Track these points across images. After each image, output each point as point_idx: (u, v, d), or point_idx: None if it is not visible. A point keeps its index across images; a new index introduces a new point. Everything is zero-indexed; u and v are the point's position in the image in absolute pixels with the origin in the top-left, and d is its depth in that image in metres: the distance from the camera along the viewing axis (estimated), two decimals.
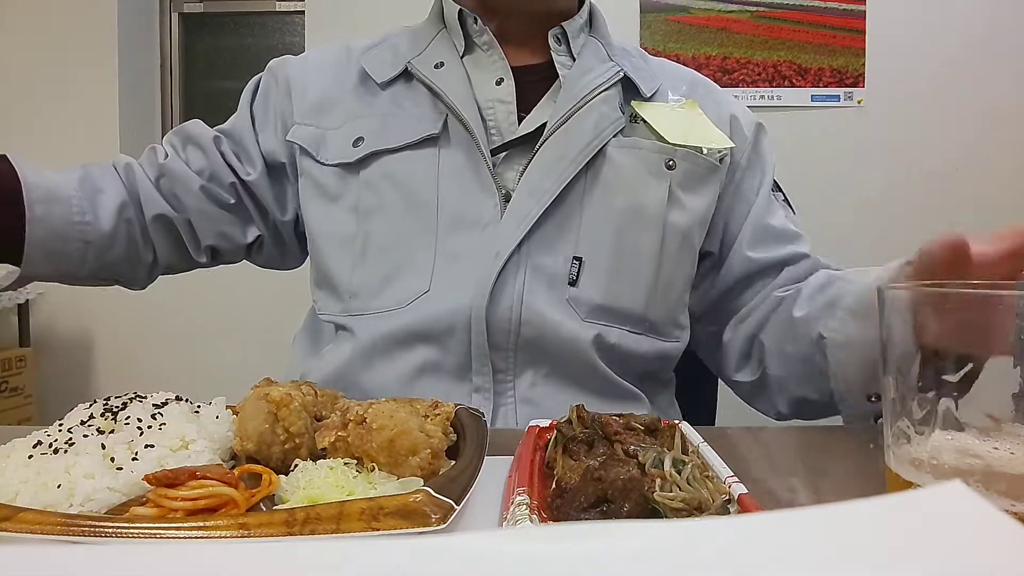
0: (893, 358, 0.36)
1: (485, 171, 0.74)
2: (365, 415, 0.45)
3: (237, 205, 0.84)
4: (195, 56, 2.43)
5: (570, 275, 0.74)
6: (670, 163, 0.77)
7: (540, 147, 0.75)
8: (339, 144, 0.78)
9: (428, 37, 0.82)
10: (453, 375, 0.73)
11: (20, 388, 2.06)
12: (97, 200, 0.78)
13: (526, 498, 0.39)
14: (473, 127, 0.74)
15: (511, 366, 0.73)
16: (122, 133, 2.21)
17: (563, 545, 0.19)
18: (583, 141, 0.75)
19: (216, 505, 0.40)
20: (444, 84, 0.77)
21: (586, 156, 0.74)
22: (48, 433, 0.47)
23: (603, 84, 0.77)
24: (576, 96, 0.76)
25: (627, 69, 0.80)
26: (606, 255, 0.75)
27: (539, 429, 0.52)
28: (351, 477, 0.43)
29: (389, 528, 0.36)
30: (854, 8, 2.20)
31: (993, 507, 0.19)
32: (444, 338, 0.72)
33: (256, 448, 0.47)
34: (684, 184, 0.77)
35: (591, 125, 0.75)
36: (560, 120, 0.75)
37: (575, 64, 0.80)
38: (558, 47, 0.81)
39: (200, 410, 0.52)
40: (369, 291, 0.76)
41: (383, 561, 0.19)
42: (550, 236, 0.74)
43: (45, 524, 0.35)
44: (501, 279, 0.72)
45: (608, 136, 0.76)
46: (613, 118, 0.77)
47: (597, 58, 0.81)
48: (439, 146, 0.76)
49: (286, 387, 0.50)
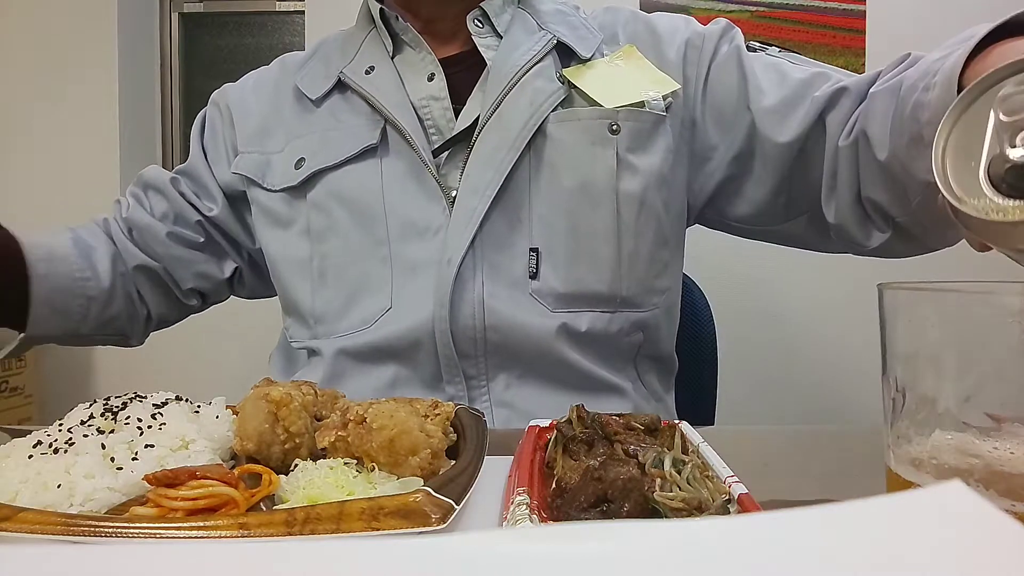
0: (893, 357, 0.36)
1: (427, 176, 0.71)
2: (365, 415, 0.45)
3: (207, 242, 0.84)
4: (195, 56, 2.42)
5: (529, 268, 0.71)
6: (613, 127, 0.72)
7: (476, 139, 0.71)
8: (283, 168, 0.77)
9: (358, 41, 0.79)
10: (425, 386, 0.72)
11: (20, 388, 2.06)
12: (92, 257, 0.79)
13: (526, 498, 0.39)
14: (409, 132, 0.72)
15: (483, 371, 0.72)
16: (122, 133, 2.20)
17: (563, 545, 0.19)
18: (519, 123, 0.71)
19: (216, 505, 0.40)
20: (376, 90, 0.74)
21: (524, 138, 0.71)
22: (48, 433, 0.47)
23: (533, 58, 0.73)
24: (505, 77, 0.73)
25: (560, 34, 0.75)
26: (562, 240, 0.72)
27: (539, 429, 0.52)
28: (351, 477, 0.43)
29: (389, 528, 0.36)
30: (854, 8, 2.20)
31: (993, 507, 0.19)
32: (411, 353, 0.71)
33: (256, 448, 0.47)
34: (632, 146, 0.73)
35: (526, 104, 0.72)
36: (492, 106, 0.72)
37: (501, 43, 0.76)
38: (480, 30, 0.77)
39: (200, 410, 0.52)
40: (333, 315, 0.75)
41: (383, 561, 0.19)
42: (502, 232, 0.71)
43: (45, 524, 0.35)
44: (458, 286, 0.69)
45: (547, 111, 0.72)
46: (550, 91, 0.72)
47: (525, 31, 0.76)
48: (379, 155, 0.73)
49: (286, 387, 0.50)
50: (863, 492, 0.25)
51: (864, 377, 1.72)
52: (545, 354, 0.71)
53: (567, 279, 0.72)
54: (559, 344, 0.71)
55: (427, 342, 0.70)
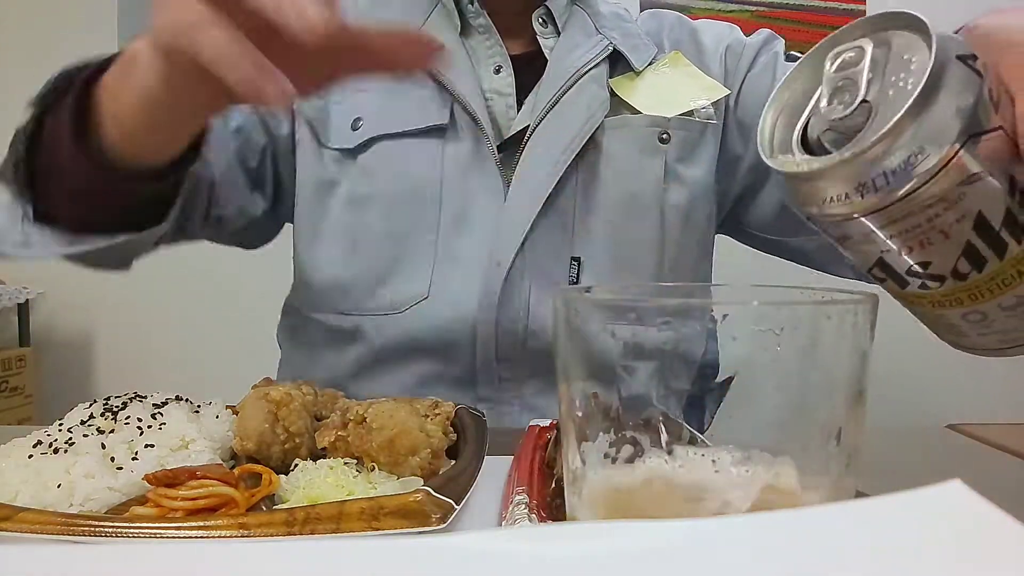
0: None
1: (492, 168, 0.69)
2: (365, 415, 0.45)
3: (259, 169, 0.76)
4: None
5: (570, 277, 0.70)
6: (664, 136, 0.70)
7: (528, 139, 0.69)
8: (338, 123, 0.72)
9: (424, 11, 0.75)
10: (456, 385, 0.70)
11: (20, 388, 2.05)
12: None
13: (525, 497, 0.39)
14: (483, 121, 0.69)
15: (518, 375, 0.70)
16: None
17: (562, 545, 0.19)
18: (574, 128, 0.69)
19: (216, 505, 0.40)
20: (447, 70, 0.70)
21: (578, 144, 0.69)
22: (48, 433, 0.47)
23: (590, 62, 0.71)
24: (561, 78, 0.70)
25: (617, 42, 0.72)
26: (603, 251, 0.70)
27: (539, 429, 0.52)
28: (351, 477, 0.43)
29: (389, 528, 0.36)
30: (854, 8, 2.20)
31: (993, 507, 0.19)
32: (447, 350, 0.69)
33: (256, 448, 0.47)
34: (681, 156, 0.71)
35: (582, 108, 0.69)
36: (548, 105, 0.69)
37: (558, 41, 0.73)
38: (544, 29, 0.74)
39: (200, 410, 0.52)
40: (361, 289, 0.71)
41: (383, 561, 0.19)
42: (548, 238, 0.70)
43: (45, 524, 0.35)
44: (507, 288, 0.68)
45: (599, 119, 0.69)
46: (602, 99, 0.70)
47: (584, 32, 0.73)
48: (446, 138, 0.70)
49: (286, 387, 0.50)
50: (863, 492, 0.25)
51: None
52: None
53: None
54: None
55: (466, 341, 0.69)
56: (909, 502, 0.20)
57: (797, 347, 0.25)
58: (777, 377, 0.26)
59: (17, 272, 2.03)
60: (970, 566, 0.18)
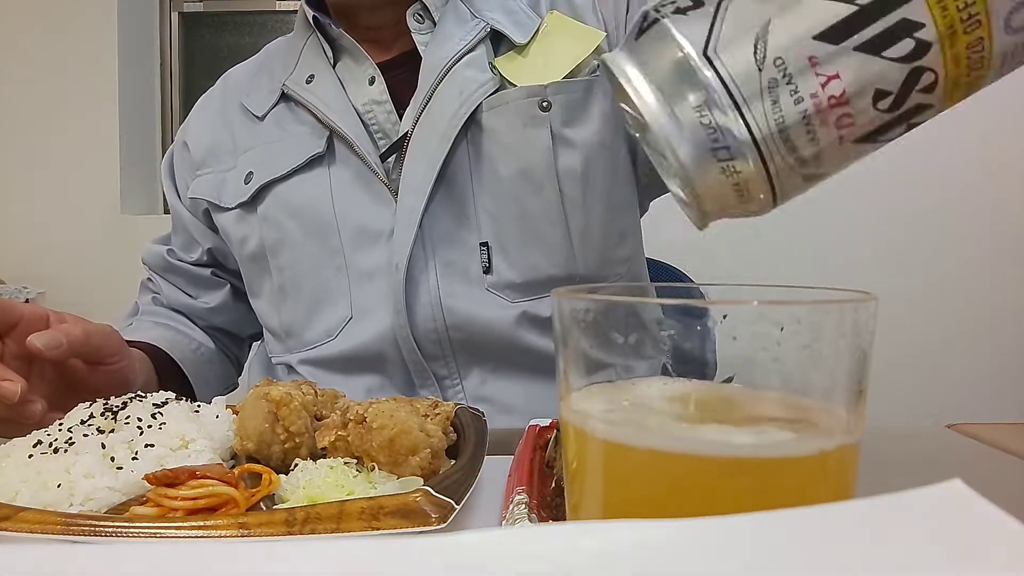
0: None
1: (375, 181, 0.70)
2: (365, 414, 0.45)
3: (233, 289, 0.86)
4: (195, 55, 2.42)
5: (483, 263, 0.70)
6: (544, 104, 0.69)
7: (410, 137, 0.69)
8: (235, 184, 0.76)
9: (298, 49, 0.77)
10: (401, 392, 0.72)
11: None
12: (190, 331, 0.84)
13: (525, 497, 0.39)
14: (354, 138, 0.70)
15: (454, 371, 0.71)
16: (122, 132, 2.20)
17: (562, 544, 0.19)
18: (448, 114, 0.68)
19: (216, 504, 0.40)
20: (317, 99, 0.72)
21: (455, 128, 0.68)
22: (48, 433, 0.47)
23: (463, 48, 0.70)
24: (435, 70, 0.70)
25: (495, 21, 0.71)
26: (510, 230, 0.70)
27: (539, 428, 0.52)
28: (351, 476, 0.43)
29: (389, 528, 0.36)
30: None
31: (993, 507, 0.19)
32: (379, 363, 0.71)
33: (256, 447, 0.47)
34: (567, 119, 0.70)
35: (455, 95, 0.69)
36: (423, 101, 0.69)
37: (432, 35, 0.73)
38: (420, 26, 0.73)
39: (200, 409, 0.52)
40: (299, 328, 0.75)
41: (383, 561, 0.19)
42: (449, 229, 0.70)
43: (45, 524, 0.35)
44: (412, 290, 0.69)
45: (478, 99, 0.69)
46: (481, 81, 0.69)
47: (458, 21, 0.72)
48: (327, 164, 0.72)
49: (286, 386, 0.50)
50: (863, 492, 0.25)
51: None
52: (511, 345, 0.70)
53: (521, 268, 0.70)
54: (522, 333, 0.70)
55: (391, 350, 0.70)
56: (909, 502, 0.20)
57: (797, 347, 0.25)
58: (777, 377, 0.26)
59: (17, 272, 2.03)
60: (970, 566, 0.18)
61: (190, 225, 0.84)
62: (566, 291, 0.28)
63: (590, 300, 0.27)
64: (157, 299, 0.87)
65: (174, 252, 0.86)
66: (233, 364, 0.90)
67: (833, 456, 0.25)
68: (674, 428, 0.25)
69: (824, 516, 0.20)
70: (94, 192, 2.12)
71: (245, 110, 0.78)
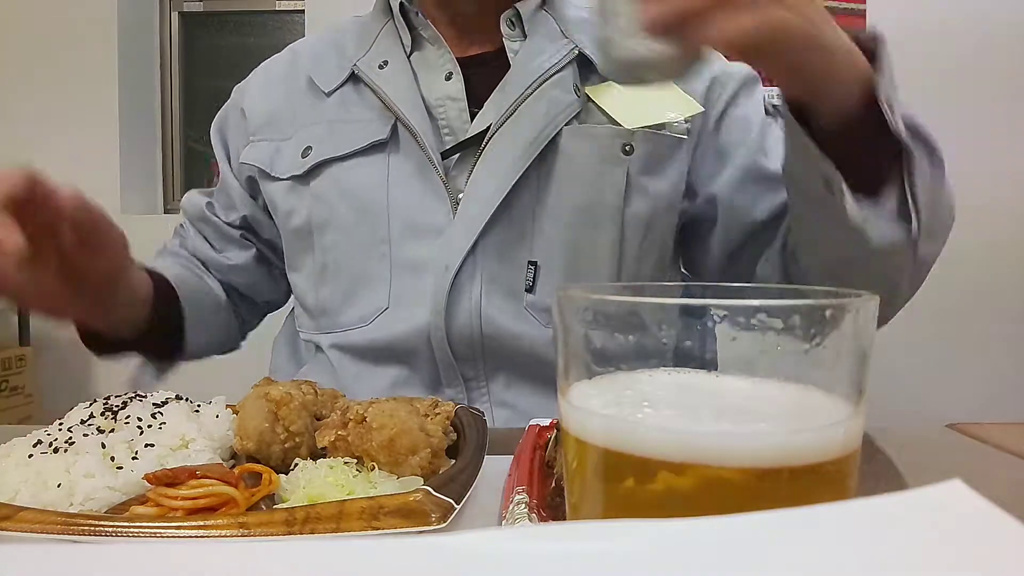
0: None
1: (434, 176, 0.70)
2: (365, 414, 0.45)
3: (260, 256, 0.86)
4: (195, 55, 2.42)
5: (526, 281, 0.70)
6: (627, 148, 0.70)
7: (486, 145, 0.70)
8: (291, 156, 0.76)
9: (374, 32, 0.77)
10: (425, 387, 0.72)
11: (20, 387, 2.05)
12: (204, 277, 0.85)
13: (525, 497, 0.39)
14: (419, 131, 0.70)
15: (481, 373, 0.71)
16: (122, 132, 2.21)
17: (562, 544, 0.19)
18: (532, 132, 0.69)
19: (216, 504, 0.40)
20: (388, 86, 0.72)
21: (536, 148, 0.69)
22: (48, 432, 0.47)
23: (554, 66, 0.71)
24: (524, 83, 0.70)
25: (583, 45, 0.72)
26: (561, 257, 0.70)
27: (539, 428, 0.52)
28: (351, 476, 0.43)
29: (389, 527, 0.36)
30: (854, 7, 2.20)
31: (993, 507, 0.19)
32: (409, 356, 0.71)
33: (256, 447, 0.47)
34: (645, 168, 0.71)
35: (541, 113, 0.69)
36: (508, 111, 0.70)
37: (523, 46, 0.73)
38: (511, 32, 0.74)
39: (200, 409, 0.52)
40: (334, 309, 0.75)
41: (383, 561, 0.19)
42: (503, 241, 0.70)
43: (45, 523, 0.35)
44: (455, 292, 0.69)
45: (561, 123, 0.69)
46: (566, 103, 0.70)
47: (548, 36, 0.73)
48: (388, 152, 0.72)
49: (286, 386, 0.50)
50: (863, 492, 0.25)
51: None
52: (542, 361, 0.71)
53: None
54: (554, 353, 0.70)
55: (423, 346, 0.70)
56: (909, 502, 0.20)
57: (797, 347, 0.25)
58: (777, 377, 0.26)
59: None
60: (970, 566, 0.18)
61: (232, 190, 0.84)
62: (568, 290, 0.28)
63: (591, 299, 0.27)
64: (184, 243, 0.87)
65: (213, 206, 0.86)
66: (237, 323, 0.89)
67: (833, 456, 0.25)
68: (674, 428, 0.25)
69: (824, 516, 0.20)
70: (94, 192, 2.10)
71: (311, 83, 0.78)
